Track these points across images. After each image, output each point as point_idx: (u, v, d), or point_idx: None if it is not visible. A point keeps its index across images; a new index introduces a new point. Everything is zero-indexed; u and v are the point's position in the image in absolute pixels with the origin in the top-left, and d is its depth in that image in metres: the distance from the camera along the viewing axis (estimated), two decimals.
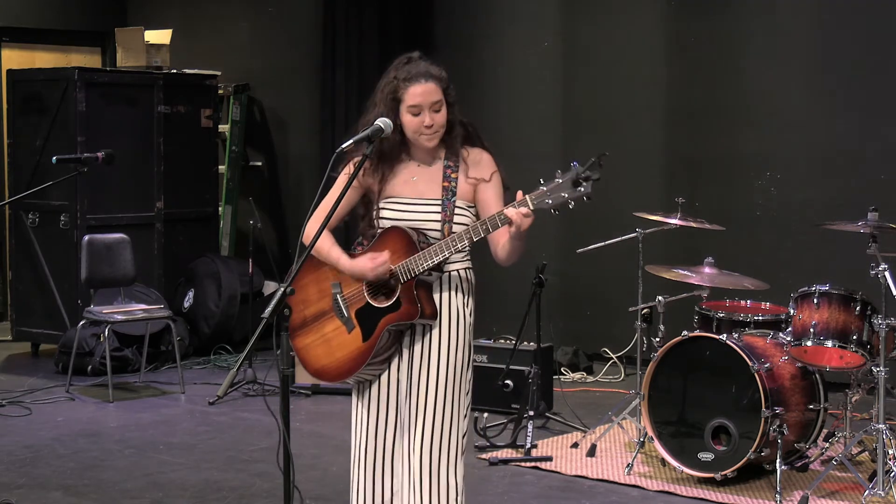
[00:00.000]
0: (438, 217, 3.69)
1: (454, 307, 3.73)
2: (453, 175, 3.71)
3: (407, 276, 3.64)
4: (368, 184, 3.79)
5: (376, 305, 3.68)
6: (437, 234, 3.68)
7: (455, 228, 3.65)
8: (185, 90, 9.19)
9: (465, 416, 3.76)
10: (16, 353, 8.96)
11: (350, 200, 3.82)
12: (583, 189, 3.34)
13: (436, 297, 3.71)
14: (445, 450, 3.71)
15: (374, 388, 3.79)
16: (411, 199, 3.73)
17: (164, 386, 7.77)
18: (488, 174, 3.73)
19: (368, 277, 3.66)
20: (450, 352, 3.72)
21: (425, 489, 3.69)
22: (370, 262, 3.65)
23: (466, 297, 3.76)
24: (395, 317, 3.65)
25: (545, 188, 3.41)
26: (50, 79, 8.80)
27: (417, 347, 3.73)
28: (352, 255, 3.77)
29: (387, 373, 3.77)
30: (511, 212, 3.48)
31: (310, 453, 6.05)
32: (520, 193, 3.52)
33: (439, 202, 3.70)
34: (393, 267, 3.65)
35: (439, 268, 3.67)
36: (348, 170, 3.76)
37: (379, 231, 3.74)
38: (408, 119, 3.70)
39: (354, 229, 3.91)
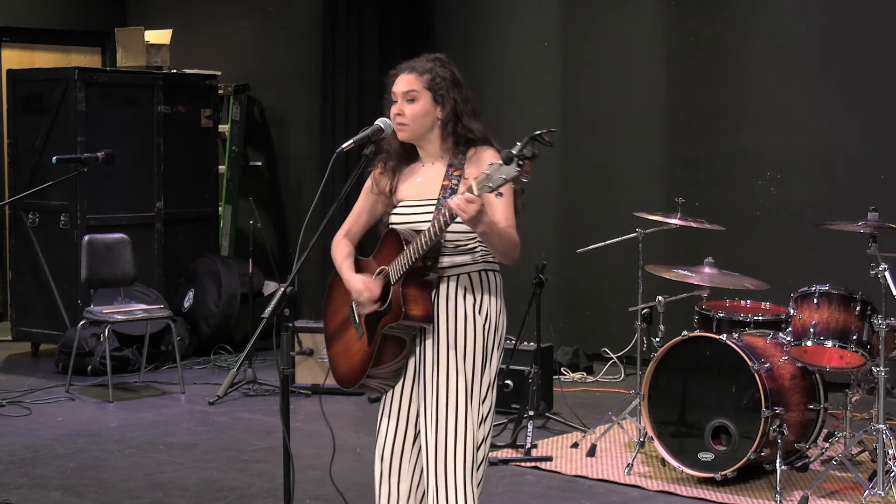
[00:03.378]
0: (431, 217, 3.61)
1: (461, 310, 3.64)
2: (456, 173, 3.65)
3: (394, 278, 3.61)
4: (383, 188, 3.77)
5: (377, 309, 3.65)
6: None
7: (452, 227, 3.54)
8: (185, 90, 9.19)
9: (481, 424, 3.66)
10: (16, 353, 8.97)
11: (370, 209, 3.83)
12: (519, 170, 3.23)
13: (441, 300, 3.64)
14: (452, 461, 3.61)
15: (394, 400, 3.76)
16: (414, 200, 3.71)
17: (164, 386, 7.77)
18: None
19: (356, 298, 3.67)
20: (457, 357, 3.62)
21: (443, 495, 3.63)
22: (362, 286, 3.65)
23: (479, 300, 3.66)
24: (387, 319, 3.61)
25: (487, 171, 3.30)
26: (50, 79, 8.80)
27: (427, 354, 3.66)
28: (363, 263, 3.78)
29: (409, 384, 3.72)
30: (451, 202, 3.39)
31: (310, 453, 6.05)
32: (466, 181, 3.48)
33: (435, 201, 3.65)
34: (386, 268, 3.64)
35: (433, 269, 3.62)
36: (369, 182, 3.80)
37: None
38: (391, 107, 3.72)
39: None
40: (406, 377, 3.73)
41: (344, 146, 3.64)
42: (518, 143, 3.23)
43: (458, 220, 3.41)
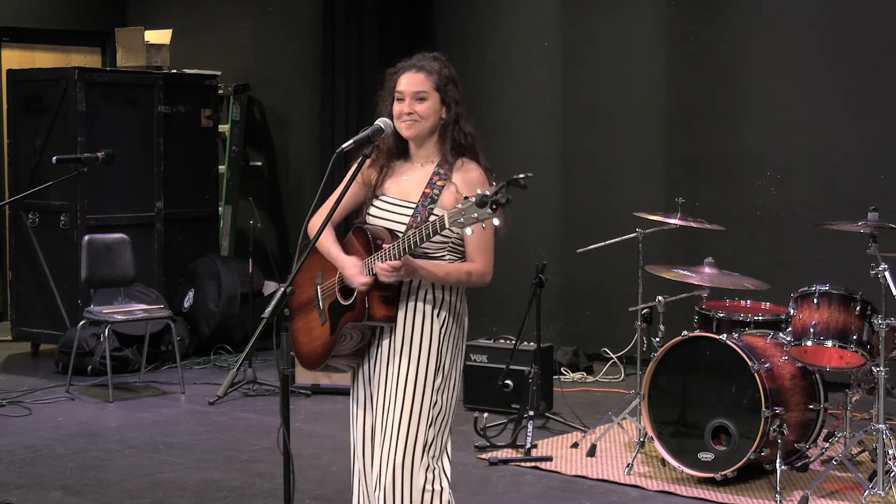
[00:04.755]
0: (407, 221, 3.67)
1: (419, 315, 3.67)
2: (440, 183, 3.68)
3: None
4: (369, 178, 3.79)
5: (342, 303, 3.70)
6: None
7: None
8: (185, 90, 9.19)
9: (431, 424, 3.67)
10: (16, 353, 8.96)
11: (354, 196, 3.83)
12: (491, 213, 3.24)
13: (402, 301, 3.67)
14: (401, 457, 3.64)
15: (359, 387, 3.81)
16: (395, 198, 3.74)
17: (164, 386, 7.77)
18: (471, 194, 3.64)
19: (345, 276, 3.68)
20: (411, 359, 3.65)
21: (388, 493, 3.66)
22: (355, 270, 3.64)
23: (440, 305, 3.68)
24: (350, 317, 3.66)
25: (461, 206, 3.32)
26: (50, 79, 8.80)
27: (385, 351, 3.71)
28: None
29: (367, 373, 3.77)
30: (376, 267, 3.55)
31: (310, 453, 6.06)
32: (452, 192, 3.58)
33: (414, 206, 3.68)
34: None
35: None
36: (354, 166, 3.79)
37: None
38: (394, 105, 3.73)
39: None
40: (372, 370, 3.75)
41: (344, 146, 3.64)
42: (493, 184, 3.27)
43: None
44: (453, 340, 3.74)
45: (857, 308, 5.39)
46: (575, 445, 6.21)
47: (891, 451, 5.17)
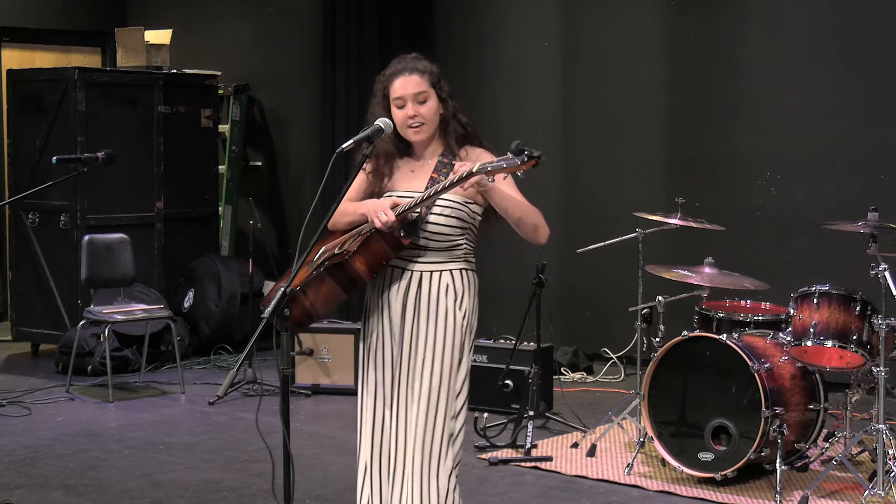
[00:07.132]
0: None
1: (443, 306, 3.70)
2: (445, 170, 3.71)
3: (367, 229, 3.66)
4: (377, 186, 3.81)
5: (335, 252, 3.69)
6: None
7: (431, 218, 3.65)
8: (185, 90, 9.19)
9: (455, 416, 3.72)
10: (16, 353, 8.96)
11: (365, 189, 3.84)
12: (520, 161, 3.42)
13: (423, 294, 3.70)
14: (429, 451, 3.67)
15: (371, 383, 3.80)
16: (404, 190, 3.74)
17: (164, 386, 7.77)
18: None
19: (369, 213, 3.65)
20: (435, 353, 3.69)
21: (415, 489, 3.68)
22: (379, 206, 3.62)
23: (460, 299, 3.72)
24: (335, 259, 3.62)
25: (494, 161, 3.47)
26: (50, 79, 8.80)
27: (406, 346, 3.72)
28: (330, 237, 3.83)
29: (381, 371, 3.78)
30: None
31: (310, 453, 6.06)
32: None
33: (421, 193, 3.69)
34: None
35: (408, 238, 3.64)
36: (367, 167, 3.80)
37: None
38: (395, 112, 3.73)
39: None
40: (385, 370, 3.77)
41: (344, 146, 3.64)
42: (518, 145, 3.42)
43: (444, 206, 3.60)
44: (471, 335, 3.78)
45: (857, 308, 5.39)
46: (575, 445, 6.21)
47: (891, 451, 5.17)
